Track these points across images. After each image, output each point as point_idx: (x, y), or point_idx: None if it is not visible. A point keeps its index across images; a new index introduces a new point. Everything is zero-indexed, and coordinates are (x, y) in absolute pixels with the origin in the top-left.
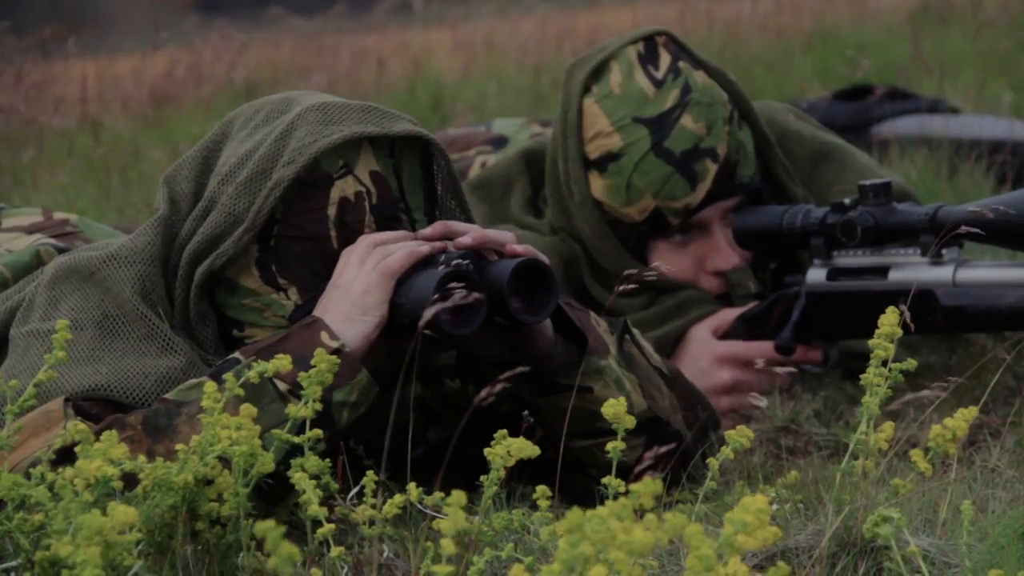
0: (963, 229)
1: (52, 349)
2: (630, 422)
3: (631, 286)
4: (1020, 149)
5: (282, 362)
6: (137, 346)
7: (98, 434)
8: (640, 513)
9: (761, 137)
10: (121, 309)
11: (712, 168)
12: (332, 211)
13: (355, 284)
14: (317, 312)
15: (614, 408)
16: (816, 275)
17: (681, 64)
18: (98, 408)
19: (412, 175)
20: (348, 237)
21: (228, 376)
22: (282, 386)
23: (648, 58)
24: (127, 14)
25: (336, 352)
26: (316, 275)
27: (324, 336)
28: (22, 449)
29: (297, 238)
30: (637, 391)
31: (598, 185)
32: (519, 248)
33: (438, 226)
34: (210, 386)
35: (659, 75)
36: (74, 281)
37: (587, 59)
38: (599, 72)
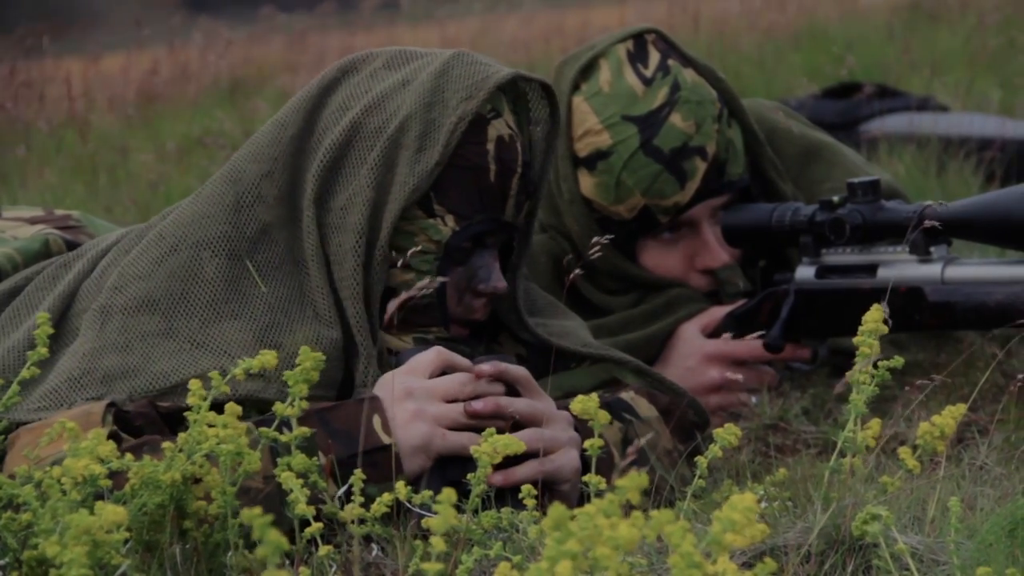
0: (927, 223)
1: (127, 328)
2: (604, 418)
3: (597, 252)
4: (1008, 147)
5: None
6: (205, 316)
7: (126, 451)
8: (627, 509)
9: (750, 135)
10: (193, 278)
11: (701, 166)
12: (491, 147)
13: (415, 404)
14: (380, 391)
15: (584, 404)
16: (805, 273)
17: (670, 62)
18: (142, 420)
19: (525, 134)
20: (504, 173)
21: (214, 374)
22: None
23: (637, 56)
24: (114, 12)
25: (384, 448)
26: (472, 205)
27: (377, 423)
28: (53, 446)
29: (460, 167)
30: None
31: (587, 183)
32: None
33: (496, 368)
34: (195, 383)
35: (648, 73)
36: (147, 259)
37: (576, 57)
38: (588, 70)
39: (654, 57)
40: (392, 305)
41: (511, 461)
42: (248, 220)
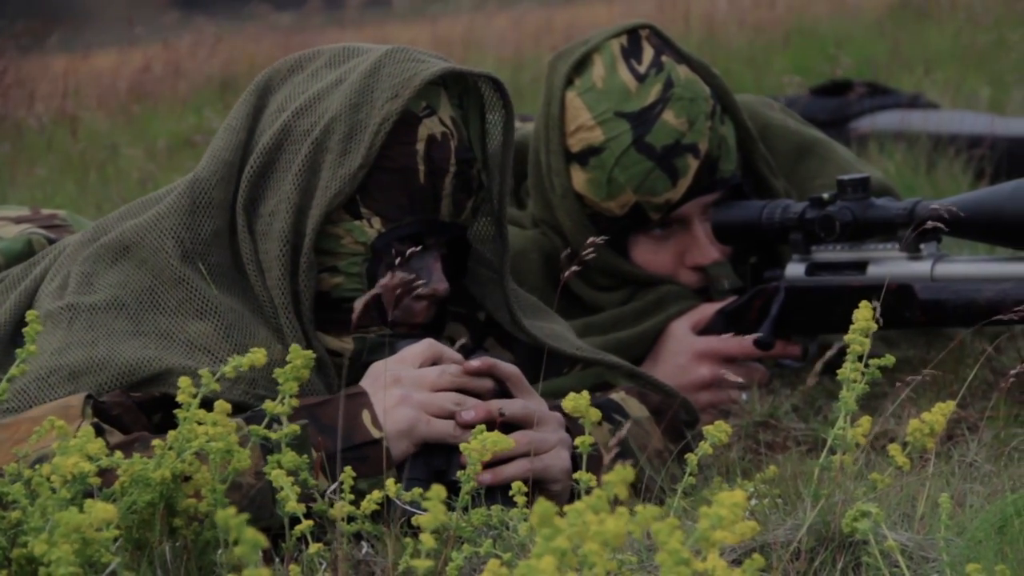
0: (930, 224)
1: (94, 326)
2: (595, 415)
3: (591, 254)
4: (998, 144)
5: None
6: (172, 319)
7: (116, 449)
8: (615, 504)
9: (743, 131)
10: (158, 279)
11: (693, 164)
12: (420, 147)
13: (402, 390)
14: (370, 380)
15: (575, 402)
16: (795, 270)
17: (664, 58)
18: (120, 409)
19: (475, 128)
20: (435, 173)
21: (204, 372)
22: (312, 454)
23: (631, 52)
24: (105, 10)
25: (374, 443)
26: (400, 207)
27: (366, 417)
28: (26, 442)
29: (386, 169)
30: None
31: (579, 179)
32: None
33: (485, 363)
34: (184, 381)
35: (642, 69)
36: (108, 259)
37: (570, 52)
38: (582, 65)
39: (648, 53)
40: (359, 304)
41: (501, 459)
42: (203, 223)
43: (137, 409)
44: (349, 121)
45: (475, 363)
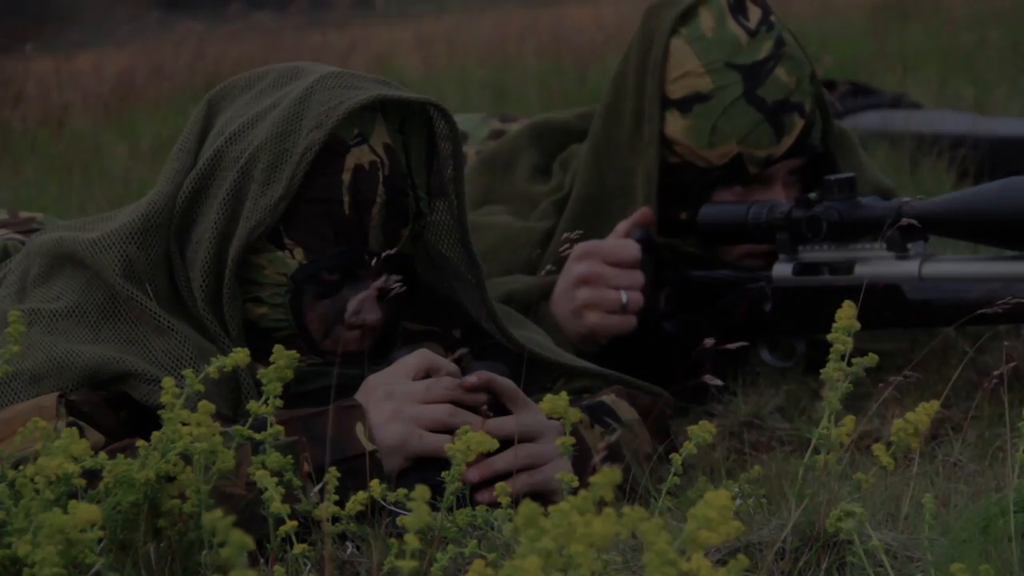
0: (904, 221)
1: (54, 331)
2: (574, 416)
3: (567, 250)
4: (981, 144)
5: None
6: (133, 328)
7: (110, 452)
8: (600, 505)
9: (822, 106)
10: (112, 293)
11: (799, 123)
12: (346, 177)
13: (394, 404)
14: (363, 393)
15: (552, 403)
16: (782, 270)
17: (772, 18)
18: (90, 406)
19: (418, 153)
20: (361, 204)
21: (188, 373)
22: (304, 467)
23: (737, 8)
24: (88, 11)
25: (366, 455)
26: (324, 239)
27: (360, 430)
28: (6, 443)
29: (309, 200)
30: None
31: (677, 125)
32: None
33: (482, 378)
34: (168, 382)
35: (751, 25)
36: (69, 267)
37: (673, 2)
38: (688, 15)
39: (754, 12)
40: (349, 332)
41: (501, 475)
42: (153, 244)
43: (106, 406)
44: (274, 150)
45: (472, 378)
